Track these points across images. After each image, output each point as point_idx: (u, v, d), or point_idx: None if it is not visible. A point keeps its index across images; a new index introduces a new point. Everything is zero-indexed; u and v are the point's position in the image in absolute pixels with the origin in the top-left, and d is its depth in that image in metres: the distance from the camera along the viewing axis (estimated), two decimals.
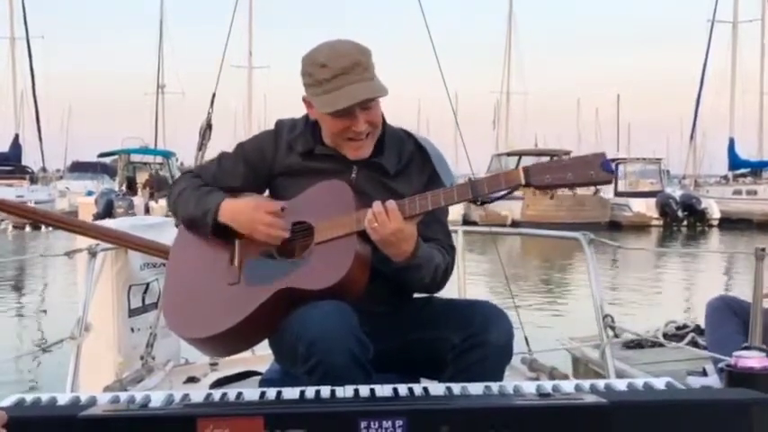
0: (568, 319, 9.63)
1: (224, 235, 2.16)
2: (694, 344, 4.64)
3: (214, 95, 3.16)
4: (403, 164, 2.20)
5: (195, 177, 2.29)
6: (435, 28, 4.25)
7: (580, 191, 29.09)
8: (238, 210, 2.13)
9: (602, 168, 1.86)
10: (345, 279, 1.95)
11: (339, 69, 2.01)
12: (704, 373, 4.16)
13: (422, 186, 2.12)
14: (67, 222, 3.18)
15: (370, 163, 2.16)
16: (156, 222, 3.55)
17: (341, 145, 2.13)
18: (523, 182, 1.89)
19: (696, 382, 3.99)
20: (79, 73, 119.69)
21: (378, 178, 2.16)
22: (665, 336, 4.83)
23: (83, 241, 3.08)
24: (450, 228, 2.35)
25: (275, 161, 2.22)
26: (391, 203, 1.94)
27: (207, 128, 3.14)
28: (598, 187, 29.62)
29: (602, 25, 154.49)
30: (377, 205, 1.94)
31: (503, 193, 1.94)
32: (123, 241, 3.15)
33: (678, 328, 5.06)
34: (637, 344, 5.02)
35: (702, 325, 4.39)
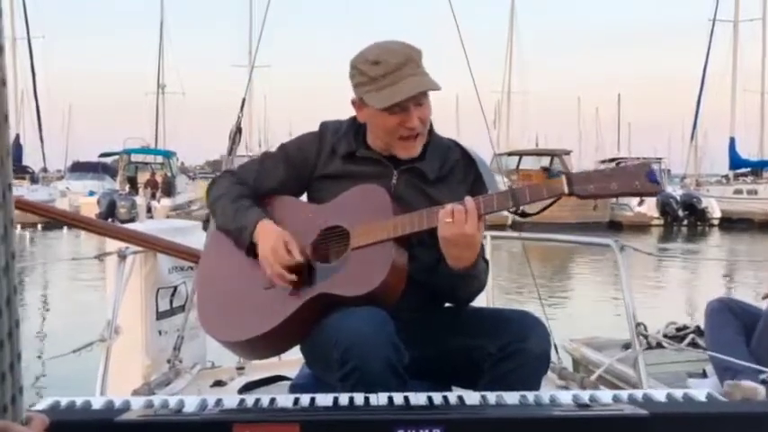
0: (580, 320, 9.65)
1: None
2: (694, 345, 4.65)
3: (244, 100, 3.16)
4: (445, 171, 2.18)
5: (236, 183, 2.27)
6: (435, 27, 4.26)
7: None
8: (264, 239, 2.10)
9: (647, 179, 1.82)
10: (382, 286, 1.93)
11: (393, 66, 2.03)
12: (704, 375, 4.17)
13: (464, 195, 2.07)
14: (99, 226, 3.20)
15: (411, 168, 2.15)
16: (183, 226, 3.57)
17: (393, 145, 2.12)
18: (567, 191, 1.85)
19: (696, 383, 4.01)
20: (79, 73, 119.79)
21: (418, 184, 2.15)
22: (666, 337, 4.85)
23: (111, 244, 3.10)
24: None
25: (317, 164, 2.21)
26: (471, 204, 1.90)
27: (237, 131, 3.14)
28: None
29: (603, 25, 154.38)
30: (456, 204, 1.91)
31: (547, 203, 1.92)
32: (152, 244, 3.16)
33: (678, 330, 5.06)
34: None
35: (703, 326, 4.40)
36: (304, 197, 2.29)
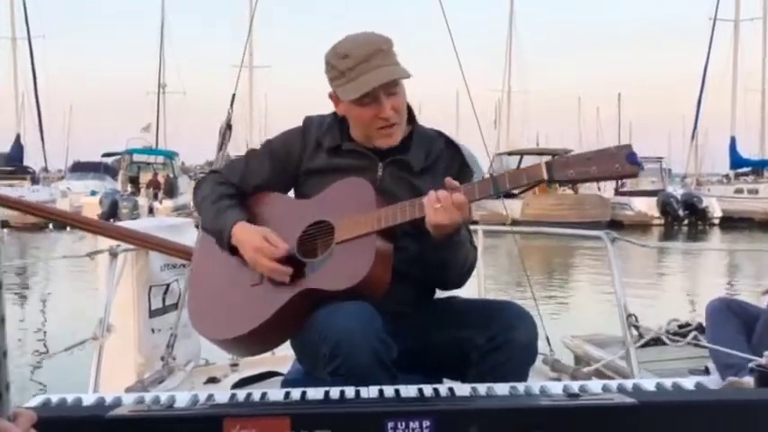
0: (577, 320, 9.65)
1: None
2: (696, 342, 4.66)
3: (234, 96, 3.17)
4: (430, 161, 2.19)
5: (220, 183, 2.27)
6: (436, 27, 4.28)
7: (581, 189, 29.10)
8: (244, 242, 2.10)
9: (627, 161, 1.80)
10: (367, 279, 1.94)
11: (361, 57, 2.04)
12: (707, 372, 4.18)
13: None
14: (91, 223, 3.20)
15: (397, 160, 2.16)
16: (176, 223, 3.55)
17: (371, 136, 2.13)
18: (546, 177, 1.85)
19: (698, 380, 4.01)
20: (80, 72, 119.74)
21: (403, 176, 2.16)
22: (668, 334, 4.85)
23: (103, 242, 3.10)
24: (470, 227, 2.34)
25: (302, 159, 2.21)
26: (461, 196, 1.90)
27: (227, 128, 3.14)
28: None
29: (603, 24, 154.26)
30: (440, 191, 1.91)
31: (525, 187, 1.91)
32: (144, 242, 3.16)
33: (680, 327, 5.06)
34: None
35: (705, 323, 4.42)
36: (291, 193, 2.29)
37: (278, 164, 2.24)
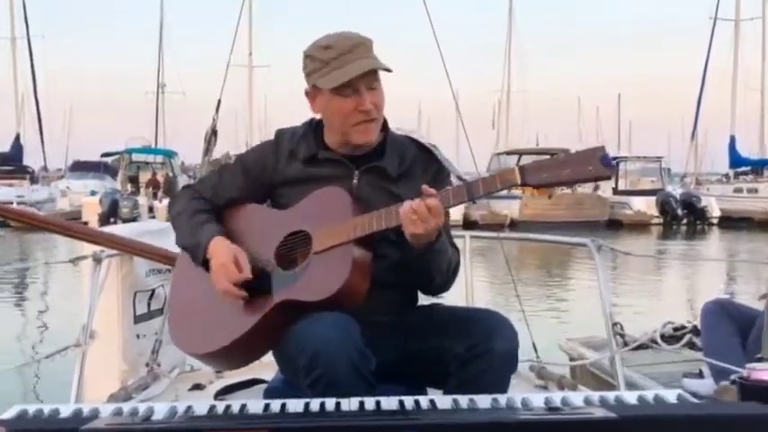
0: (573, 323, 9.62)
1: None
2: (691, 345, 4.64)
3: (219, 102, 3.13)
4: (405, 167, 2.19)
5: (194, 198, 2.28)
6: (436, 27, 4.26)
7: (579, 189, 29.11)
8: (214, 257, 2.09)
9: (601, 163, 1.79)
10: (344, 288, 1.93)
11: (344, 49, 2.06)
12: (700, 375, 4.18)
13: None
14: (73, 229, 3.17)
15: (372, 167, 2.15)
16: (161, 228, 3.51)
17: (348, 132, 2.12)
18: (519, 181, 1.85)
19: (692, 384, 4.02)
20: (79, 72, 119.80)
21: (380, 183, 2.15)
22: (663, 337, 4.83)
23: (88, 247, 3.07)
24: (458, 233, 2.32)
25: (276, 171, 2.21)
26: (434, 202, 1.89)
27: (212, 134, 3.11)
28: (598, 184, 29.63)
29: (603, 23, 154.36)
30: (417, 201, 1.91)
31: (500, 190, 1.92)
32: (127, 247, 3.13)
33: (675, 330, 5.05)
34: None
35: (700, 326, 4.40)
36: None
37: (251, 177, 2.24)
